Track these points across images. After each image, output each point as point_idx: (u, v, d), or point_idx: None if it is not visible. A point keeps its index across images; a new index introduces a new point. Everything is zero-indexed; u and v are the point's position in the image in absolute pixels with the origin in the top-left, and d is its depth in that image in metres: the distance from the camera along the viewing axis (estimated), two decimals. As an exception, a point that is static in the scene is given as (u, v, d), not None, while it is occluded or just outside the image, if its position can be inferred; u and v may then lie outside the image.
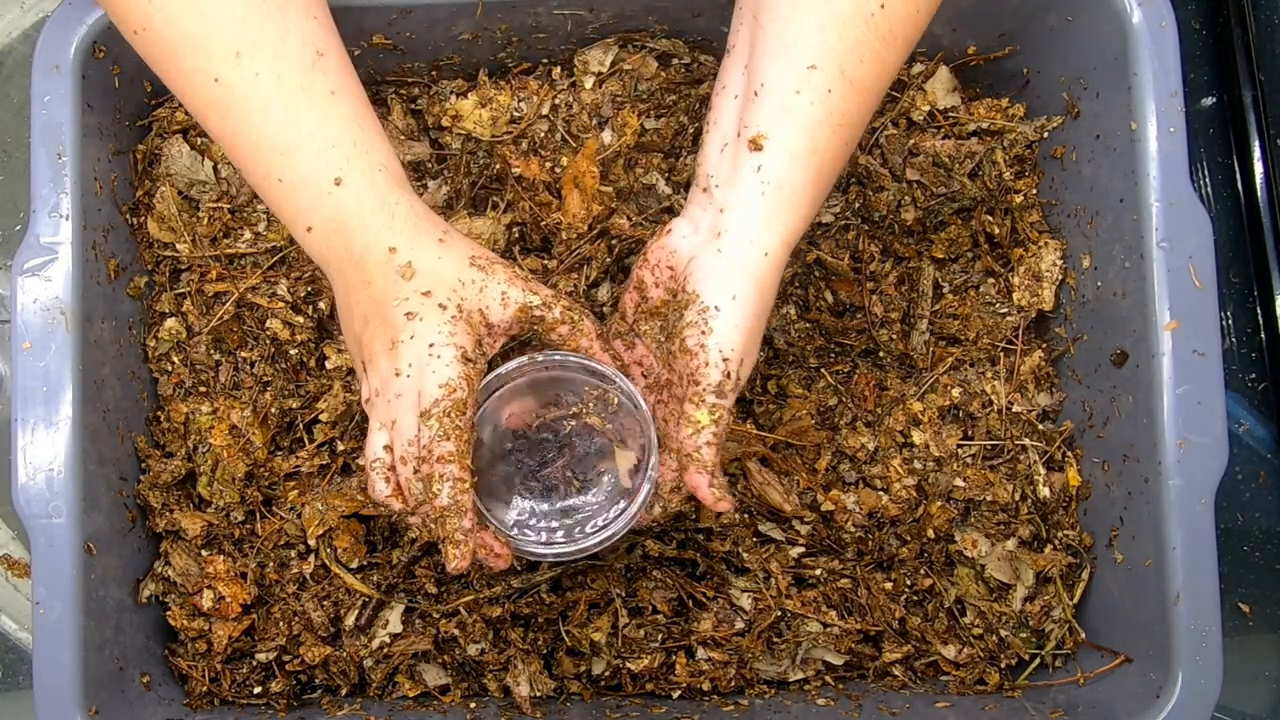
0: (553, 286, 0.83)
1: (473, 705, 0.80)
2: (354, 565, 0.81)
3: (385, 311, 0.65)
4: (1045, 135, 0.85)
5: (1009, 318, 0.85)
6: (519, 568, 0.81)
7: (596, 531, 0.69)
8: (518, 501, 0.70)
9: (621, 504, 0.69)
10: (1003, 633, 0.82)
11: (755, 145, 0.65)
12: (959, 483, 0.83)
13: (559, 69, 0.85)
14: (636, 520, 0.69)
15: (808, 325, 0.85)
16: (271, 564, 0.81)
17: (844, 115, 0.64)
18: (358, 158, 0.66)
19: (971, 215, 0.86)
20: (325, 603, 0.81)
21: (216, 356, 0.83)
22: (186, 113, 0.83)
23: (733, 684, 0.80)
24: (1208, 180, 0.94)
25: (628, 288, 0.72)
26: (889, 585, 0.82)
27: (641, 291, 0.71)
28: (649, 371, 0.71)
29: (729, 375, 0.64)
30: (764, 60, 0.65)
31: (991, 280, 0.86)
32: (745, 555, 0.81)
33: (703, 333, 0.64)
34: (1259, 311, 0.92)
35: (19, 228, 0.94)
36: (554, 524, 0.70)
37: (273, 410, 0.82)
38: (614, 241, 0.83)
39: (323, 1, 0.68)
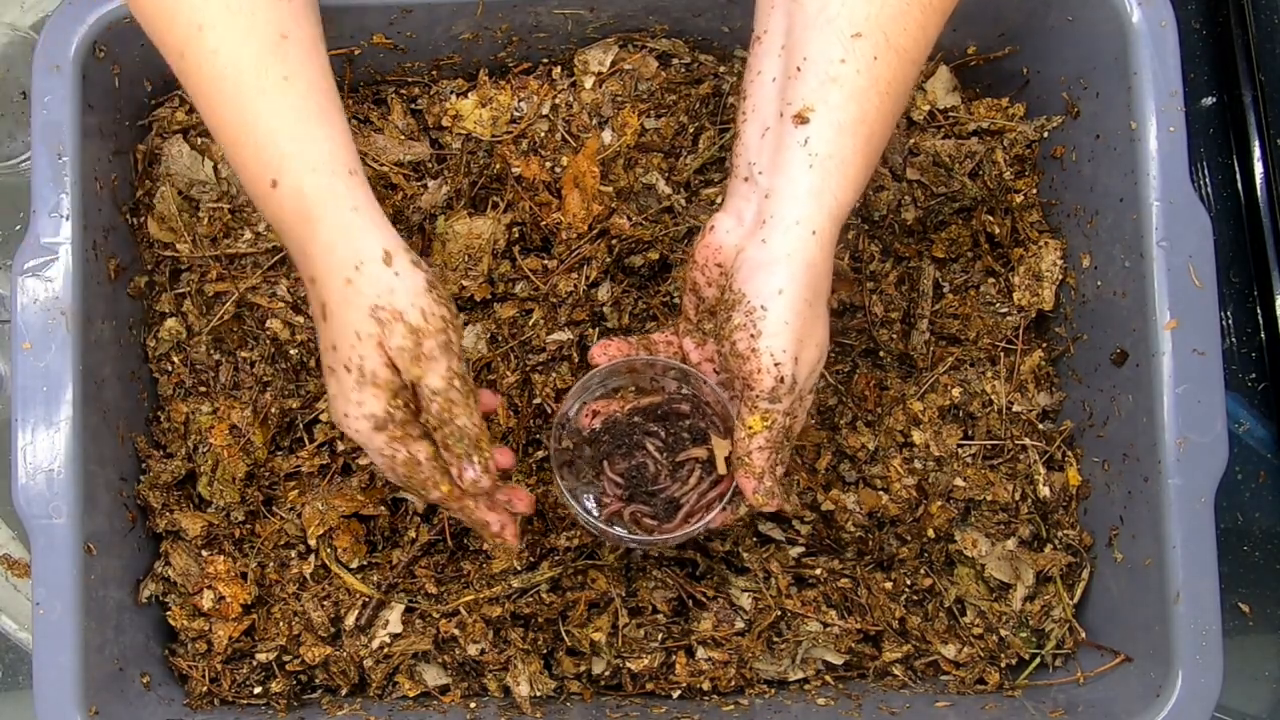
0: (552, 286, 0.83)
1: (473, 705, 0.80)
2: (354, 565, 0.81)
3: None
4: (1045, 135, 0.85)
5: (1009, 317, 0.85)
6: (519, 567, 0.81)
7: (685, 520, 0.69)
8: (609, 487, 0.71)
9: (712, 493, 0.69)
10: (1003, 632, 0.82)
11: (801, 119, 0.63)
12: (959, 482, 0.83)
13: (559, 68, 0.85)
14: (722, 516, 0.69)
15: (808, 325, 0.85)
16: (271, 564, 0.81)
17: (890, 84, 0.63)
18: (293, 157, 0.62)
19: (972, 215, 0.86)
20: (325, 603, 0.81)
21: (216, 356, 0.83)
22: (187, 113, 0.84)
23: (733, 684, 0.80)
24: (1208, 180, 0.94)
25: (684, 291, 0.71)
26: (889, 585, 0.82)
27: (697, 293, 0.69)
28: (720, 368, 0.70)
29: (782, 380, 0.63)
30: (805, 35, 0.63)
31: (992, 280, 0.86)
32: (745, 555, 0.81)
33: (752, 336, 0.63)
34: (1259, 311, 0.92)
35: (19, 228, 0.94)
36: (645, 508, 0.70)
37: (273, 410, 0.82)
38: (614, 241, 0.83)
39: None
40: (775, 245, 0.63)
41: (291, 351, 0.83)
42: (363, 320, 0.61)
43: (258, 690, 0.81)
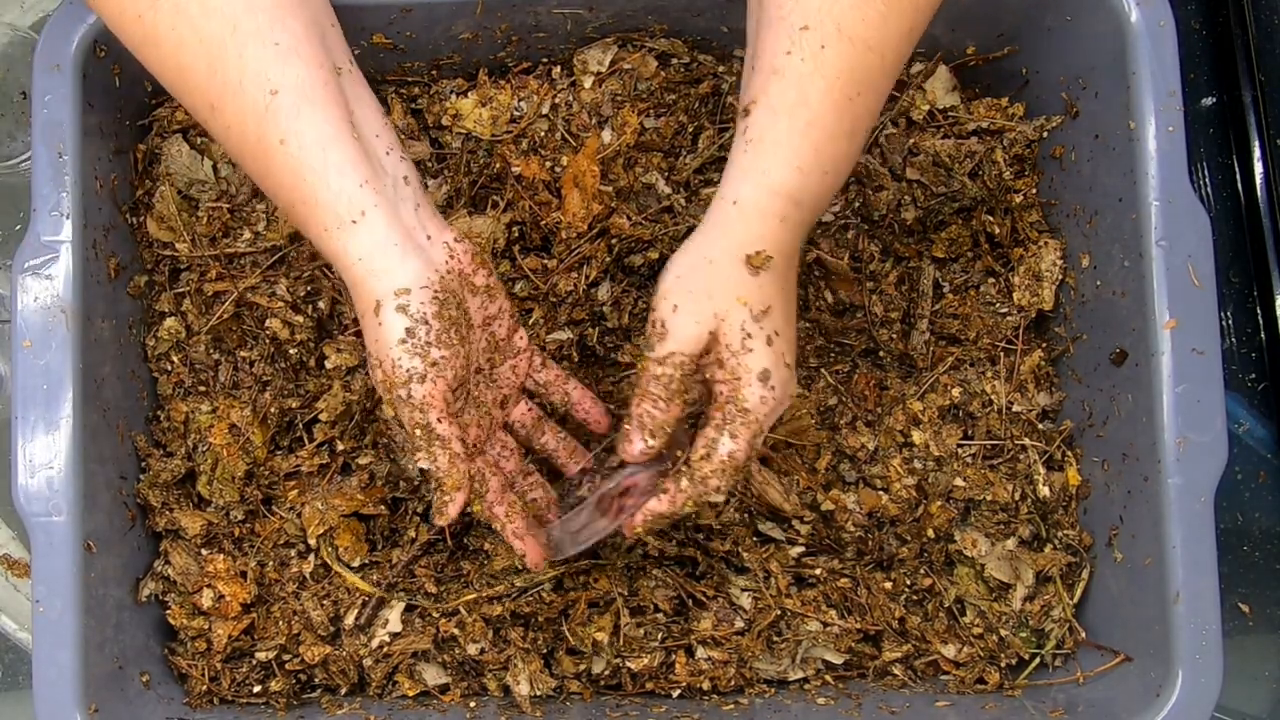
0: (552, 286, 0.83)
1: (472, 705, 0.80)
2: (354, 564, 0.81)
3: None
4: (1045, 135, 0.85)
5: (1009, 317, 0.85)
6: (520, 566, 0.81)
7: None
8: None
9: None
10: (1003, 632, 0.82)
11: (745, 112, 0.64)
12: (959, 482, 0.83)
13: (559, 68, 0.86)
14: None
15: (808, 325, 0.85)
16: (271, 563, 0.81)
17: (841, 71, 0.62)
18: (303, 220, 0.65)
19: (971, 215, 0.86)
20: (325, 602, 0.81)
21: (216, 356, 0.83)
22: (187, 112, 0.84)
23: (732, 683, 0.80)
24: (1208, 180, 0.94)
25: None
26: (889, 585, 0.82)
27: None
28: None
29: (656, 323, 0.64)
30: (761, 34, 0.64)
31: (991, 280, 0.86)
32: (745, 554, 0.81)
33: (665, 348, 0.64)
34: (1259, 311, 0.92)
35: (19, 227, 0.94)
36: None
37: (272, 410, 0.82)
38: (614, 241, 0.83)
39: (292, 6, 0.65)
40: (707, 239, 0.65)
41: (291, 351, 0.83)
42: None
43: (257, 689, 0.81)
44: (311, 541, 0.81)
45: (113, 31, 0.68)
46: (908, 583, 0.82)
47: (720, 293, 0.64)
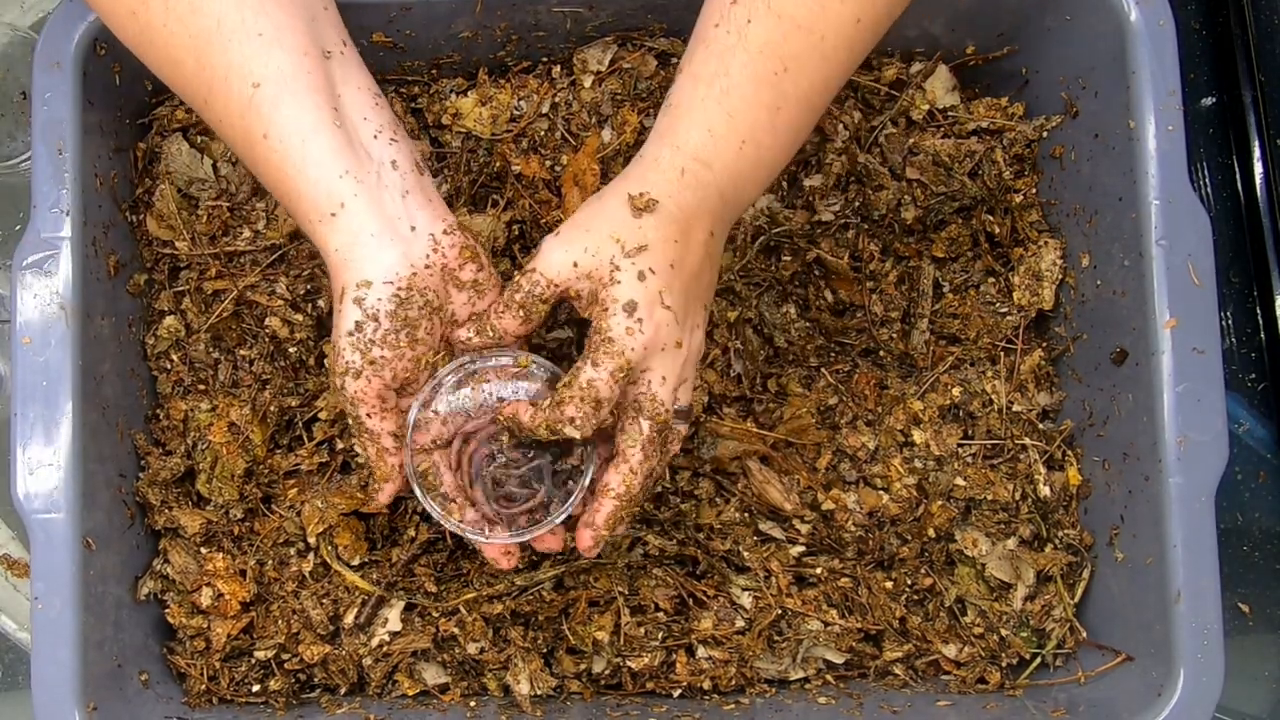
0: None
1: (472, 704, 0.80)
2: (354, 563, 0.81)
3: None
4: (1045, 135, 0.85)
5: (1009, 317, 0.85)
6: (520, 565, 0.81)
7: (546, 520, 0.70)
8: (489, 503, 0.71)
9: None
10: (1003, 632, 0.82)
11: (672, 81, 0.66)
12: (959, 482, 0.83)
13: (559, 67, 0.86)
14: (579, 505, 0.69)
15: (808, 324, 0.85)
16: (270, 562, 0.81)
17: (766, 45, 0.63)
18: (293, 212, 0.66)
19: (971, 214, 0.86)
20: (324, 601, 0.81)
21: (215, 354, 0.83)
22: (187, 111, 0.84)
23: (733, 683, 0.80)
24: (1208, 180, 0.94)
25: None
26: (889, 584, 0.82)
27: None
28: None
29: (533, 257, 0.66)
30: (702, 11, 0.66)
31: (991, 279, 0.86)
32: (746, 554, 0.81)
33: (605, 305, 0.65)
34: (1259, 311, 0.92)
35: (19, 227, 0.94)
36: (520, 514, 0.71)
37: (272, 408, 0.82)
38: (614, 240, 0.83)
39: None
40: (624, 185, 0.65)
41: (290, 349, 0.83)
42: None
43: (256, 688, 0.81)
44: (311, 540, 0.81)
45: (110, 29, 0.68)
46: (908, 582, 0.82)
47: (597, 227, 0.65)
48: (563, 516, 0.69)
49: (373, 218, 0.65)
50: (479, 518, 0.71)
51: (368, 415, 0.67)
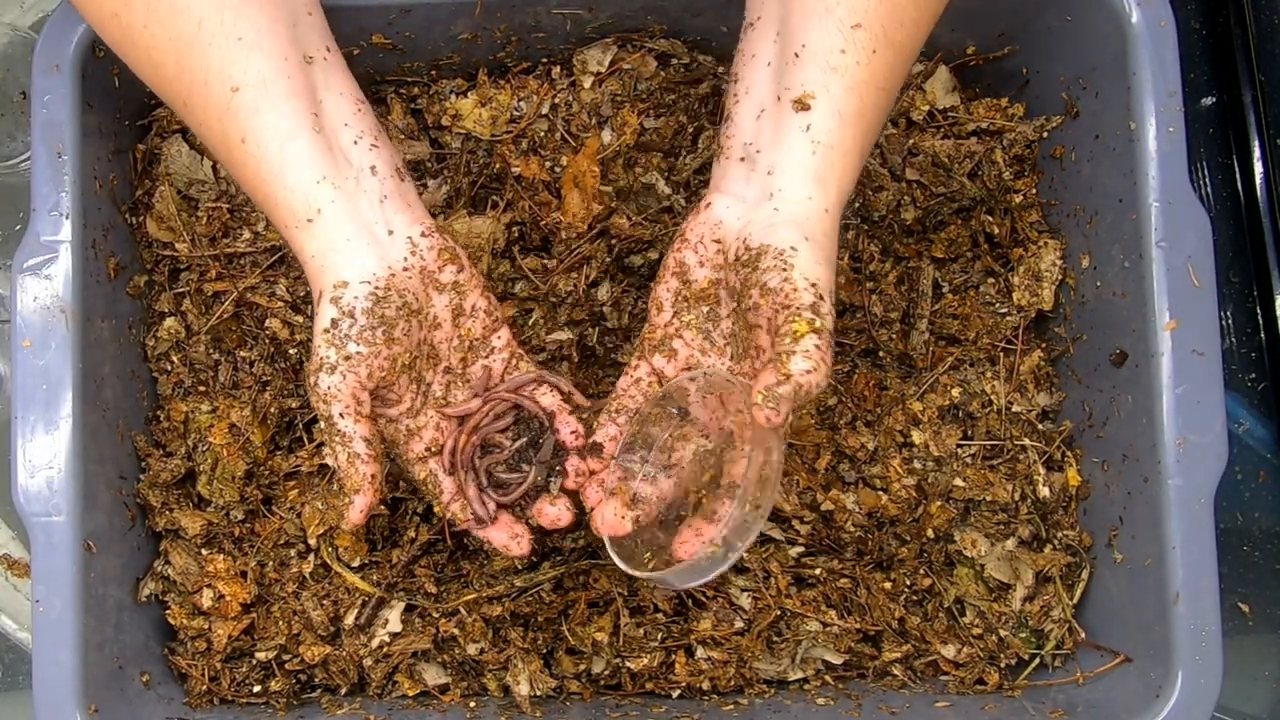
0: (552, 286, 0.83)
1: (472, 704, 0.80)
2: (354, 564, 0.81)
3: None
4: (1045, 135, 0.85)
5: (1009, 318, 0.85)
6: (520, 566, 0.81)
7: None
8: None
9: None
10: (1002, 632, 0.82)
11: (801, 105, 0.63)
12: (959, 482, 0.83)
13: (558, 68, 0.85)
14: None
15: (807, 325, 0.85)
16: (271, 563, 0.81)
17: (886, 79, 0.64)
18: (270, 216, 0.66)
19: (971, 215, 0.86)
20: (325, 602, 0.81)
21: (216, 356, 0.83)
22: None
23: (732, 683, 0.80)
24: (1208, 180, 0.94)
25: (662, 278, 0.70)
26: (888, 585, 0.82)
27: (682, 276, 0.68)
28: (730, 345, 0.68)
29: (821, 298, 0.61)
30: (804, 23, 0.64)
31: (991, 280, 0.86)
32: (745, 554, 0.81)
33: (784, 268, 0.61)
34: (1259, 311, 0.92)
35: (19, 227, 0.94)
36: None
37: (272, 410, 0.82)
38: (614, 241, 0.83)
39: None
40: (791, 211, 0.63)
41: (290, 351, 0.83)
42: None
43: (257, 689, 0.81)
44: (311, 541, 0.81)
45: (95, 31, 0.68)
46: (907, 583, 0.82)
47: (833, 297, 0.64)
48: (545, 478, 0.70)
49: (349, 223, 0.65)
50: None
51: (340, 415, 0.65)
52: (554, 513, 0.70)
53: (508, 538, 0.70)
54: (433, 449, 0.70)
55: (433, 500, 0.70)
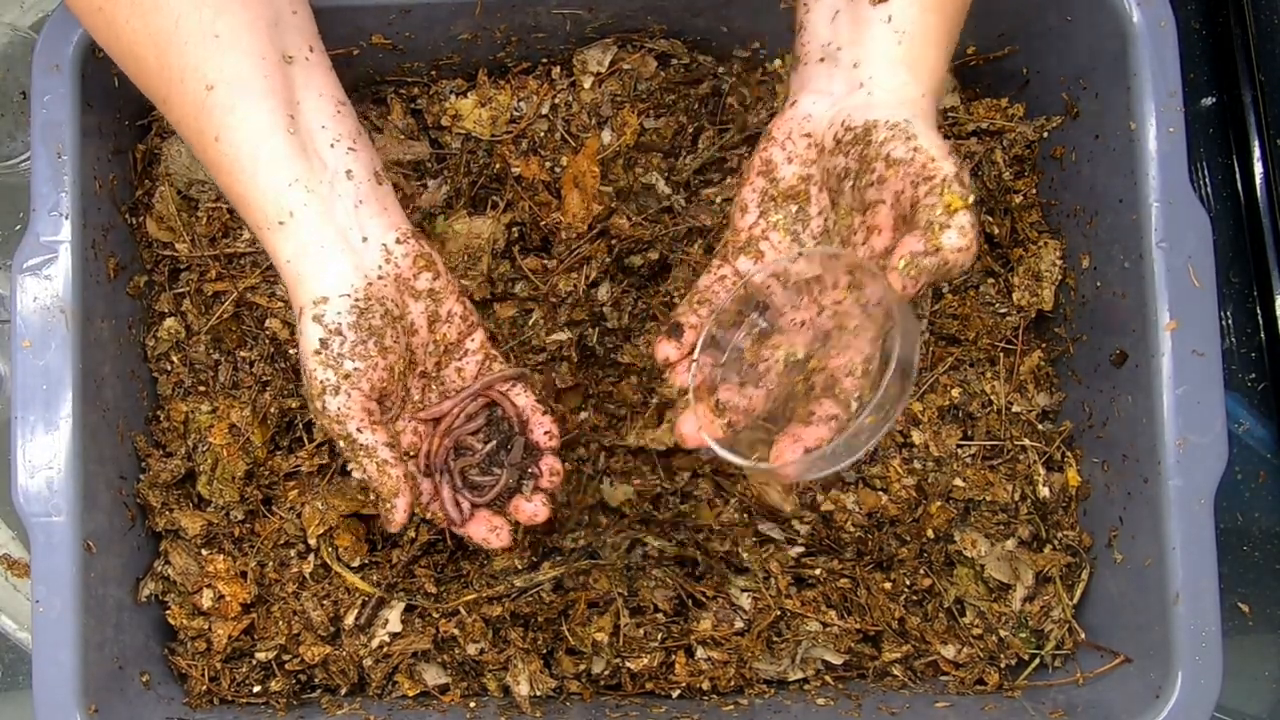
0: (552, 286, 0.83)
1: (472, 705, 0.80)
2: (354, 564, 0.81)
3: None
4: (1045, 135, 0.85)
5: (1009, 318, 0.85)
6: (520, 566, 0.81)
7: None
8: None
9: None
10: (1002, 633, 0.82)
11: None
12: (958, 483, 0.83)
13: (558, 68, 0.85)
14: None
15: (807, 325, 0.85)
16: (271, 563, 0.81)
17: None
18: (244, 217, 0.65)
19: (971, 215, 0.86)
20: (325, 602, 0.81)
21: (216, 356, 0.83)
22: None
23: (732, 683, 0.80)
24: (1208, 180, 0.94)
25: (746, 180, 0.67)
26: (888, 585, 0.82)
27: (769, 174, 0.66)
28: (835, 233, 0.65)
29: (962, 168, 0.57)
30: None
31: (991, 280, 0.86)
32: (745, 555, 0.81)
33: (908, 137, 0.58)
34: (1259, 311, 0.92)
35: (19, 227, 0.94)
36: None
37: (272, 410, 0.82)
38: (614, 241, 0.83)
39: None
40: (887, 97, 0.61)
41: (291, 351, 0.83)
42: None
43: (257, 689, 0.81)
44: (311, 541, 0.81)
45: (82, 24, 0.67)
46: (907, 583, 0.82)
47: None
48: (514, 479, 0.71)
49: (322, 227, 0.64)
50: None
51: (358, 430, 0.65)
52: (530, 509, 0.70)
53: (486, 531, 0.70)
54: (411, 452, 0.70)
55: (391, 492, 0.69)
